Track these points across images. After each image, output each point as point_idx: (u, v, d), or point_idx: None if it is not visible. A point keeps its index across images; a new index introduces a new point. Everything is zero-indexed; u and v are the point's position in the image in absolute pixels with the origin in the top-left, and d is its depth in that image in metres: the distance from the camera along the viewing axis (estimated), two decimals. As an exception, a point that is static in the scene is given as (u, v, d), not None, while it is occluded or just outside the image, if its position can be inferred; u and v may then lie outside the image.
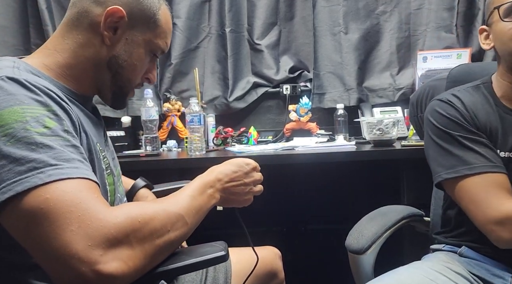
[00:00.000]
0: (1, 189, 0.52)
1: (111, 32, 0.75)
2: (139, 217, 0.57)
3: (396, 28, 1.99)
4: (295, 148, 1.59)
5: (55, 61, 0.74)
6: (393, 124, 1.48)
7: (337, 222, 1.96)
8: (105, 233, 0.53)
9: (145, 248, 0.57)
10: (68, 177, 0.55)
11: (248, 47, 2.09)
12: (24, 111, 0.57)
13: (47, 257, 0.52)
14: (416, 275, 0.93)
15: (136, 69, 0.80)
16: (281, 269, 1.17)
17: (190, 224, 0.66)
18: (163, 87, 2.07)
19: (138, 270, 0.56)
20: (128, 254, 0.54)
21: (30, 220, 0.52)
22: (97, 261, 0.51)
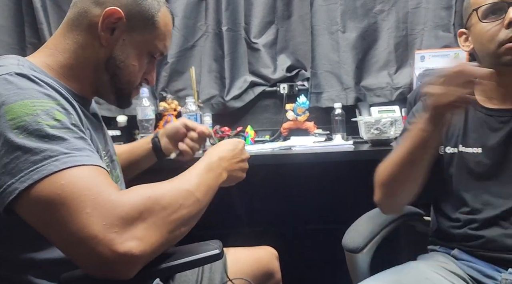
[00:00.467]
0: (20, 178, 0.54)
1: (109, 33, 0.75)
2: (149, 195, 0.59)
3: (394, 27, 1.99)
4: (293, 148, 1.58)
5: (56, 61, 0.75)
6: (391, 124, 1.48)
7: (334, 222, 1.94)
8: (119, 212, 0.55)
9: (159, 225, 0.58)
10: (82, 164, 0.57)
11: (245, 46, 2.07)
12: (34, 104, 0.59)
13: (66, 241, 0.55)
14: (411, 273, 0.94)
15: (134, 71, 0.80)
16: (278, 269, 1.16)
17: (202, 201, 0.67)
18: (159, 86, 2.06)
19: (155, 248, 0.57)
20: (143, 231, 0.56)
21: (47, 206, 0.54)
22: (114, 241, 0.53)
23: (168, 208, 0.60)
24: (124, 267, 0.54)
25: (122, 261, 0.53)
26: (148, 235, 0.56)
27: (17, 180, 0.54)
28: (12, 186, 0.54)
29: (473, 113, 1.00)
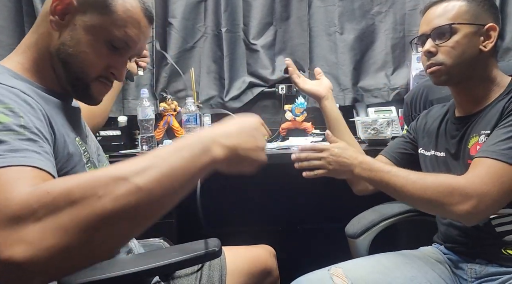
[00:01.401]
0: None
1: (59, 18, 0.73)
2: (49, 188, 0.47)
3: (391, 28, 2.01)
4: (291, 148, 1.59)
5: (27, 58, 0.75)
6: (388, 124, 1.49)
7: (331, 221, 1.96)
8: (8, 212, 0.45)
9: (60, 224, 0.45)
10: (8, 165, 0.51)
11: (244, 47, 2.09)
12: None
13: None
14: (392, 256, 1.05)
15: (87, 58, 0.74)
16: (275, 267, 1.18)
17: (148, 188, 0.49)
18: (159, 86, 2.07)
19: (54, 253, 0.44)
20: (34, 233, 0.44)
21: None
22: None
23: (79, 201, 0.46)
24: (6, 277, 0.44)
25: (8, 271, 0.43)
26: (42, 238, 0.44)
27: None
28: None
29: (446, 121, 1.11)
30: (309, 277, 0.99)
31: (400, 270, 0.99)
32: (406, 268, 0.99)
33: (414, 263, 1.02)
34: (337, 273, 0.96)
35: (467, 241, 0.99)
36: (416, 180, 0.89)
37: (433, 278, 0.99)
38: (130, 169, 0.50)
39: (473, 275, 0.96)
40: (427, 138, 1.15)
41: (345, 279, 0.94)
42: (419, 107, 1.50)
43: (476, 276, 0.95)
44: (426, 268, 1.01)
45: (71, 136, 0.74)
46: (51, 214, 0.45)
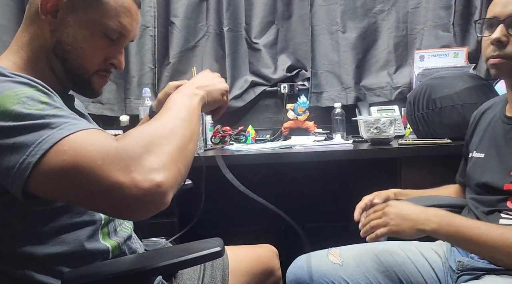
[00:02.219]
0: (30, 153, 0.54)
1: (51, 16, 0.72)
2: (142, 132, 0.61)
3: (394, 27, 2.00)
4: (293, 147, 1.59)
5: (20, 57, 0.74)
6: (390, 123, 1.49)
7: (334, 220, 1.96)
8: (126, 154, 0.55)
9: (166, 151, 0.59)
10: (85, 128, 0.58)
11: (246, 46, 2.09)
12: (17, 93, 0.59)
13: (94, 200, 0.56)
14: (393, 243, 1.05)
15: (84, 54, 0.75)
16: (278, 267, 1.17)
17: (188, 118, 0.68)
18: (161, 86, 2.07)
19: (174, 171, 0.58)
20: (156, 161, 0.56)
21: (62, 175, 0.54)
22: (136, 179, 0.54)
23: (164, 134, 0.61)
24: (156, 199, 0.55)
25: (152, 194, 0.54)
26: (163, 163, 0.57)
27: (27, 155, 0.54)
28: (25, 161, 0.54)
29: (494, 120, 1.03)
30: (309, 254, 1.10)
31: (392, 255, 1.02)
32: (398, 254, 1.02)
33: (410, 251, 1.03)
34: (334, 252, 1.07)
35: None
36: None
37: (422, 265, 1.00)
38: (170, 112, 0.68)
39: (460, 268, 0.95)
40: (474, 138, 1.07)
41: (338, 258, 1.03)
42: (422, 106, 1.49)
43: (462, 269, 0.95)
44: (419, 257, 1.01)
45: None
46: (156, 146, 0.58)
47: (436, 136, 1.44)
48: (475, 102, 1.39)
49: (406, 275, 0.99)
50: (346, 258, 1.03)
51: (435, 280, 0.98)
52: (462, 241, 0.85)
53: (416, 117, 1.52)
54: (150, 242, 1.05)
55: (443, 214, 0.88)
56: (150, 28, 2.02)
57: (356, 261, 1.02)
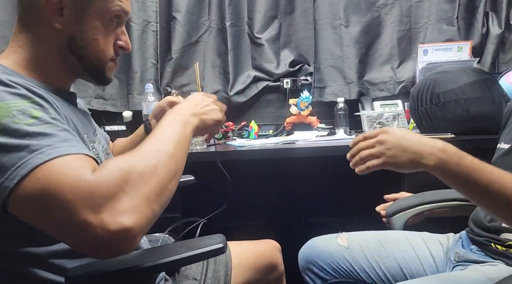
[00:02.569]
0: (8, 176, 0.54)
1: (58, 14, 0.72)
2: (122, 166, 0.57)
3: (397, 21, 1.99)
4: (296, 142, 1.59)
5: (22, 58, 0.73)
6: (394, 118, 1.49)
7: (337, 215, 1.96)
8: (99, 191, 0.54)
9: (142, 192, 0.57)
10: (66, 153, 0.56)
11: (248, 41, 2.08)
12: (9, 106, 0.58)
13: (61, 232, 0.55)
14: (399, 232, 1.08)
15: (98, 44, 0.76)
16: (281, 262, 1.18)
17: (175, 153, 0.65)
18: (164, 81, 2.07)
19: (148, 215, 0.56)
20: (129, 204, 0.55)
21: (34, 202, 0.54)
22: (104, 220, 0.52)
23: (145, 172, 0.58)
24: (123, 243, 0.54)
25: (119, 238, 0.53)
26: (136, 205, 0.55)
27: (6, 178, 0.54)
28: (3, 185, 0.54)
29: None
30: (320, 237, 1.15)
31: (396, 243, 1.05)
32: (403, 243, 1.05)
33: (414, 240, 1.06)
34: (342, 236, 1.10)
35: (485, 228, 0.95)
36: None
37: (423, 254, 1.02)
38: (159, 140, 0.66)
39: (456, 258, 0.97)
40: (505, 130, 1.01)
41: (345, 241, 1.08)
42: (425, 100, 1.48)
43: (458, 260, 0.96)
44: (422, 246, 1.04)
45: (81, 132, 0.74)
46: (132, 186, 0.56)
47: (439, 130, 1.43)
48: (478, 97, 1.39)
49: (406, 262, 1.02)
50: (352, 242, 1.08)
51: (434, 269, 1.01)
52: (469, 185, 0.73)
53: (419, 112, 1.51)
54: (154, 238, 1.06)
55: (452, 150, 0.74)
56: (152, 23, 2.02)
57: (361, 246, 1.06)
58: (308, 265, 1.12)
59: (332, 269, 1.07)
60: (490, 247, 0.91)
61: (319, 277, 1.09)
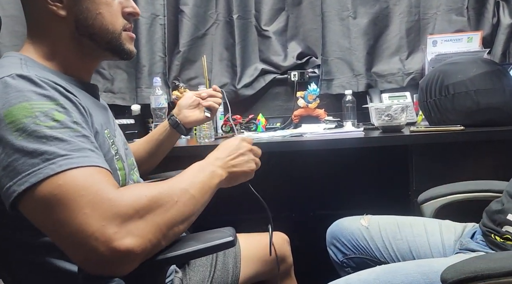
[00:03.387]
0: (17, 181, 0.55)
1: (57, 2, 0.72)
2: (146, 193, 0.60)
3: (406, 11, 1.96)
4: (304, 135, 1.59)
5: (44, 52, 0.74)
6: (402, 110, 1.47)
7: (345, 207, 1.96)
8: (116, 211, 0.55)
9: (156, 221, 0.58)
10: (78, 166, 0.57)
11: (256, 34, 2.07)
12: (33, 106, 0.59)
13: (65, 241, 0.56)
14: (418, 218, 1.15)
15: (104, 17, 0.75)
16: (289, 254, 1.19)
17: (197, 197, 0.67)
18: (172, 75, 2.08)
19: (153, 244, 0.58)
20: (140, 228, 0.56)
21: (45, 207, 0.55)
22: (112, 239, 0.53)
23: (165, 205, 0.60)
24: (121, 264, 0.55)
25: (119, 258, 0.54)
26: (146, 232, 0.57)
27: (14, 183, 0.55)
28: (10, 189, 0.55)
29: None
30: (347, 217, 1.24)
31: (412, 227, 1.11)
32: (418, 228, 1.11)
33: (430, 226, 1.11)
34: (366, 217, 1.19)
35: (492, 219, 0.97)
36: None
37: (434, 240, 1.07)
38: (185, 182, 0.68)
39: (459, 246, 1.02)
40: None
41: (366, 222, 1.17)
42: (434, 92, 1.47)
43: (460, 248, 1.01)
44: (436, 232, 1.09)
45: (103, 127, 0.75)
46: (149, 214, 0.58)
47: (448, 123, 1.42)
48: (489, 88, 1.37)
49: (416, 246, 1.07)
50: (372, 223, 1.16)
51: (441, 255, 1.03)
52: None
53: (428, 104, 1.50)
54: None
55: None
56: (160, 16, 2.02)
57: (380, 227, 1.14)
58: (332, 240, 1.22)
59: (352, 245, 1.16)
60: (490, 238, 0.93)
61: (340, 252, 1.19)
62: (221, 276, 0.98)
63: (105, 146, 0.73)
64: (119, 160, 0.77)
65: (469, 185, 1.20)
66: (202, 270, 0.97)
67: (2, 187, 0.57)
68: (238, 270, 1.02)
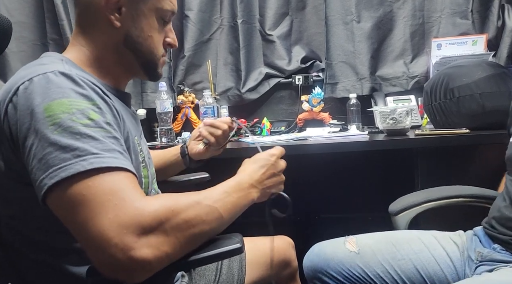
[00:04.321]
0: (49, 174, 0.57)
1: (116, 13, 0.75)
2: (173, 207, 0.59)
3: (410, 15, 1.96)
4: (308, 138, 1.59)
5: (86, 56, 0.77)
6: (407, 113, 1.47)
7: (350, 211, 1.96)
8: (140, 221, 0.56)
9: (177, 236, 0.58)
10: (108, 166, 0.58)
11: (260, 38, 2.09)
12: (71, 103, 0.61)
13: (85, 241, 0.57)
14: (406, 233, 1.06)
15: (153, 40, 0.80)
16: (294, 258, 1.19)
17: (225, 218, 0.66)
18: (177, 79, 2.10)
19: (170, 257, 0.58)
20: (161, 241, 0.56)
21: (72, 204, 0.56)
22: (131, 247, 0.54)
23: (190, 222, 0.60)
24: (136, 273, 0.55)
25: (135, 267, 0.55)
26: (165, 245, 0.57)
27: (46, 176, 0.56)
28: (43, 181, 0.57)
29: None
30: (326, 242, 1.10)
31: (409, 244, 1.01)
32: (415, 243, 1.02)
33: (426, 239, 1.02)
34: (351, 240, 1.06)
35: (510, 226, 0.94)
36: None
37: (439, 254, 0.99)
38: (216, 200, 0.66)
39: (479, 258, 0.95)
40: None
41: (354, 246, 1.03)
42: (439, 95, 1.47)
43: (481, 259, 0.95)
44: (436, 246, 1.01)
45: (133, 134, 0.76)
46: (172, 228, 0.58)
47: (454, 126, 1.42)
48: (494, 91, 1.37)
49: (422, 264, 0.98)
50: (362, 246, 1.03)
51: (452, 269, 0.98)
52: None
53: (433, 107, 1.50)
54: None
55: None
56: (164, 22, 2.03)
57: (373, 249, 1.02)
58: (316, 274, 1.05)
59: (344, 277, 1.01)
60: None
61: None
62: (227, 280, 0.98)
63: (134, 151, 0.74)
64: (145, 167, 0.79)
65: (442, 191, 1.15)
66: (207, 274, 0.97)
67: (36, 180, 0.58)
68: (243, 274, 1.02)
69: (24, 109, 0.60)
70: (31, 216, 0.67)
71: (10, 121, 0.61)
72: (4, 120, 0.62)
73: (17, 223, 0.69)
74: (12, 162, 0.63)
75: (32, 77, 0.63)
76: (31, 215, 0.67)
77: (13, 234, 0.69)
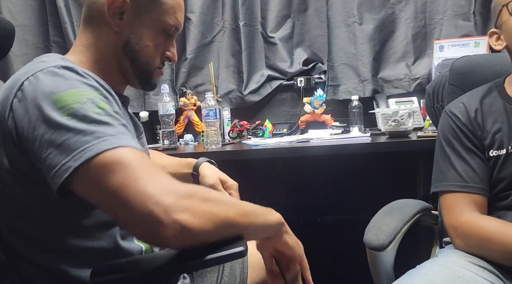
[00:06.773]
0: (73, 157, 0.56)
1: (118, 18, 0.76)
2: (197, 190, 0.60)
3: (412, 17, 1.96)
4: (310, 140, 1.59)
5: (87, 57, 0.78)
6: (409, 115, 1.47)
7: (352, 213, 1.96)
8: (175, 188, 0.56)
9: (208, 209, 0.57)
10: (128, 145, 0.59)
11: (262, 40, 2.09)
12: (82, 93, 0.62)
13: (122, 205, 0.55)
14: (443, 272, 0.87)
15: (150, 51, 0.80)
16: (296, 260, 1.18)
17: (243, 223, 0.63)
18: (179, 81, 2.10)
19: (202, 229, 0.56)
20: (195, 208, 0.56)
21: (106, 173, 0.55)
22: (170, 206, 0.53)
23: (215, 201, 0.60)
24: (174, 235, 0.54)
25: (173, 228, 0.53)
26: (199, 214, 0.56)
27: (70, 159, 0.56)
28: (66, 164, 0.56)
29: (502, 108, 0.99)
30: None
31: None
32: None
33: (466, 275, 0.86)
34: None
35: None
36: None
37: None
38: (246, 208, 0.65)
39: None
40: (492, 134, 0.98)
41: None
42: (441, 97, 1.47)
43: None
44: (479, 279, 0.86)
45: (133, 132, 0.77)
46: (203, 201, 0.58)
47: (456, 128, 1.41)
48: (496, 93, 1.37)
49: None
50: None
51: None
52: None
53: (435, 109, 1.50)
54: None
55: None
56: (167, 24, 2.04)
57: None
58: None
59: None
60: None
61: None
62: (229, 281, 0.98)
63: None
64: None
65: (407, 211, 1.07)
66: (209, 276, 0.97)
67: (55, 166, 0.57)
68: (245, 275, 1.02)
69: (31, 102, 0.61)
70: (33, 215, 0.67)
71: (16, 116, 0.62)
72: (9, 116, 0.62)
73: (18, 222, 0.69)
74: (16, 159, 0.64)
75: (36, 72, 0.63)
76: (33, 214, 0.67)
77: (14, 234, 0.69)
